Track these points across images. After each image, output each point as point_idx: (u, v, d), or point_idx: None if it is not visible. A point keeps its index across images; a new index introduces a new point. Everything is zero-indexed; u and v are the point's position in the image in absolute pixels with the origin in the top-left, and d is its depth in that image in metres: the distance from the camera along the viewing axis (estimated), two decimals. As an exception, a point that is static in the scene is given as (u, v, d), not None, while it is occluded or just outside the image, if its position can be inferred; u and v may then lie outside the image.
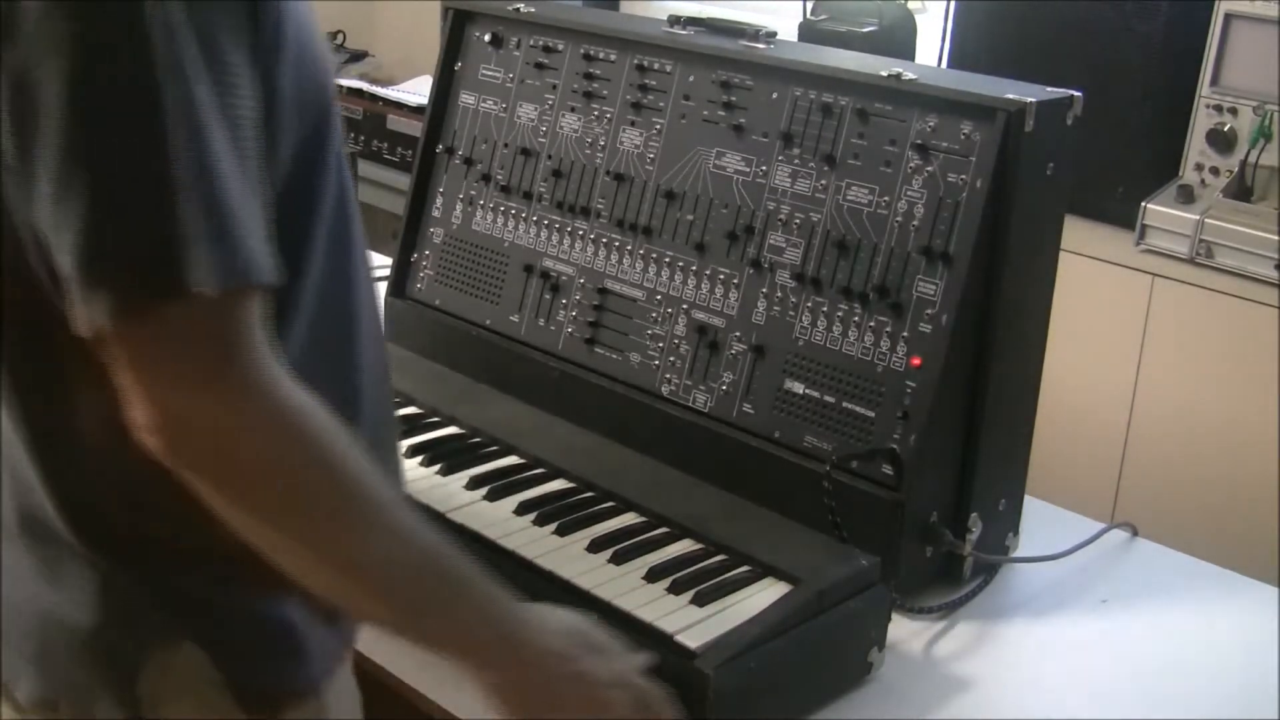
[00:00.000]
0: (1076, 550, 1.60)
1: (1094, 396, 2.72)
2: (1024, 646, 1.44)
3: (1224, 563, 1.62)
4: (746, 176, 1.57)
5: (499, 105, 1.81)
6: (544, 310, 1.72)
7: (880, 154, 1.48)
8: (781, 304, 1.53)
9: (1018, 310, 1.48)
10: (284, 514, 0.91)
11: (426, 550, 0.97)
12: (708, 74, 1.62)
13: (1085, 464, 2.70)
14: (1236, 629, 1.49)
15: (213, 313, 0.86)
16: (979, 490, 1.49)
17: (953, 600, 1.48)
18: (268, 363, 0.89)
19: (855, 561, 1.33)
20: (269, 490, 0.89)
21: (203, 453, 0.88)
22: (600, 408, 1.62)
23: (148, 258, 0.84)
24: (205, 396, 0.86)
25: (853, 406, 1.46)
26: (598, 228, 1.69)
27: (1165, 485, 2.62)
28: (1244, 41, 2.48)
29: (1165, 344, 2.65)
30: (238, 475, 0.89)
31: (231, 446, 0.88)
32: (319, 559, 0.93)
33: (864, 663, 1.33)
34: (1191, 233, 2.52)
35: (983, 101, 1.42)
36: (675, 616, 1.26)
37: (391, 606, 0.97)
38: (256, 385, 0.88)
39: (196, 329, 0.86)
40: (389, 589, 0.96)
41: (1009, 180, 1.41)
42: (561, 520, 1.41)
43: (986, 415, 1.47)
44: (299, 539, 0.92)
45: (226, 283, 0.85)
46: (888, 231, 1.46)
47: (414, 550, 0.96)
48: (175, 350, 0.86)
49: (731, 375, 1.55)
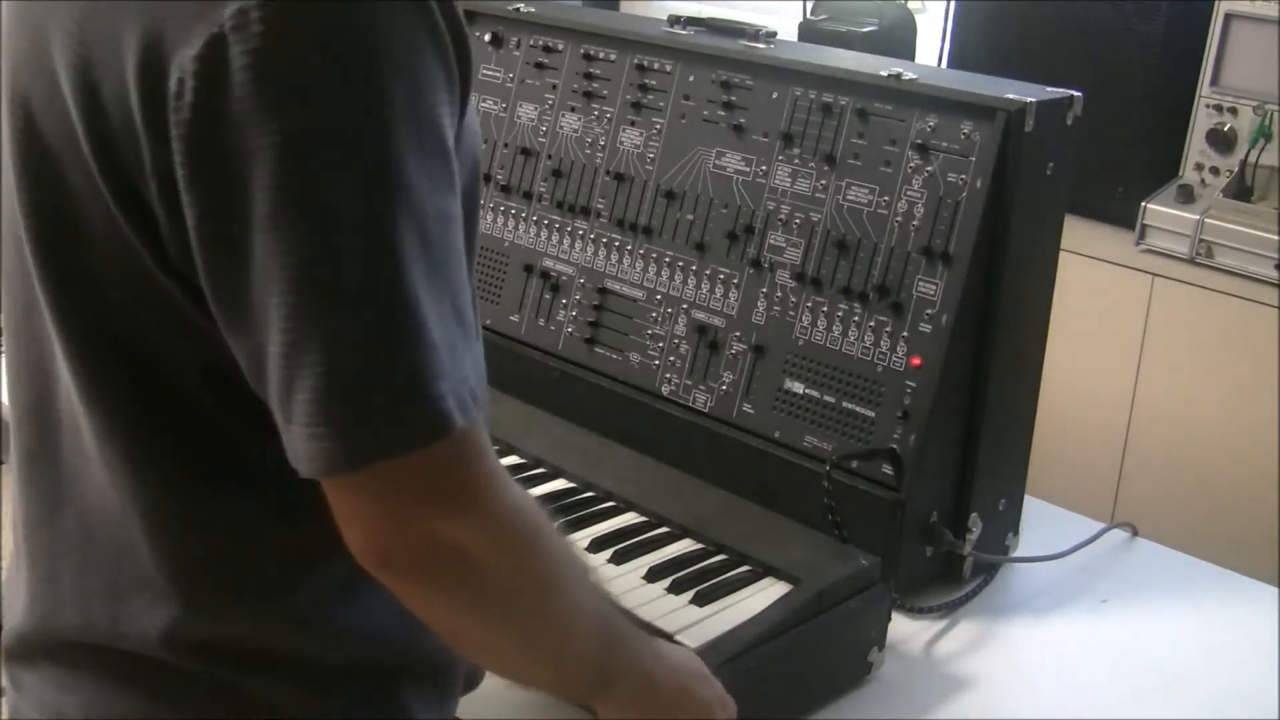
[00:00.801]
0: (1076, 550, 1.59)
1: (1094, 396, 2.72)
2: (1024, 646, 1.44)
3: (1224, 563, 1.62)
4: (746, 176, 1.57)
5: (499, 105, 1.81)
6: (544, 310, 1.72)
7: (880, 154, 1.48)
8: (781, 304, 1.53)
9: (1018, 310, 1.48)
10: (519, 620, 0.92)
11: (608, 627, 1.00)
12: (708, 74, 1.62)
13: (1085, 464, 2.70)
14: (1236, 629, 1.49)
15: (455, 447, 0.84)
16: (979, 490, 1.49)
17: (953, 600, 1.48)
18: (505, 479, 0.89)
19: (855, 561, 1.33)
20: (512, 601, 0.90)
21: (452, 575, 0.87)
22: (600, 408, 1.62)
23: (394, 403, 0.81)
24: (458, 524, 0.85)
25: (853, 406, 1.46)
26: (598, 228, 1.69)
27: (1165, 485, 2.62)
28: (1244, 41, 2.49)
29: (1165, 344, 2.65)
30: (485, 593, 0.89)
31: (484, 568, 0.87)
32: (527, 654, 0.95)
33: (864, 663, 1.33)
34: (1191, 233, 2.53)
35: (983, 101, 1.42)
36: (675, 616, 1.26)
37: (572, 682, 1.02)
38: (503, 506, 0.88)
39: (446, 466, 0.84)
40: (579, 670, 0.99)
41: (1009, 180, 1.41)
42: (561, 520, 1.41)
43: (986, 415, 1.47)
44: (520, 639, 0.93)
45: (468, 417, 0.83)
46: (888, 231, 1.46)
47: (600, 630, 0.99)
48: (423, 486, 0.84)
49: (731, 375, 1.55)
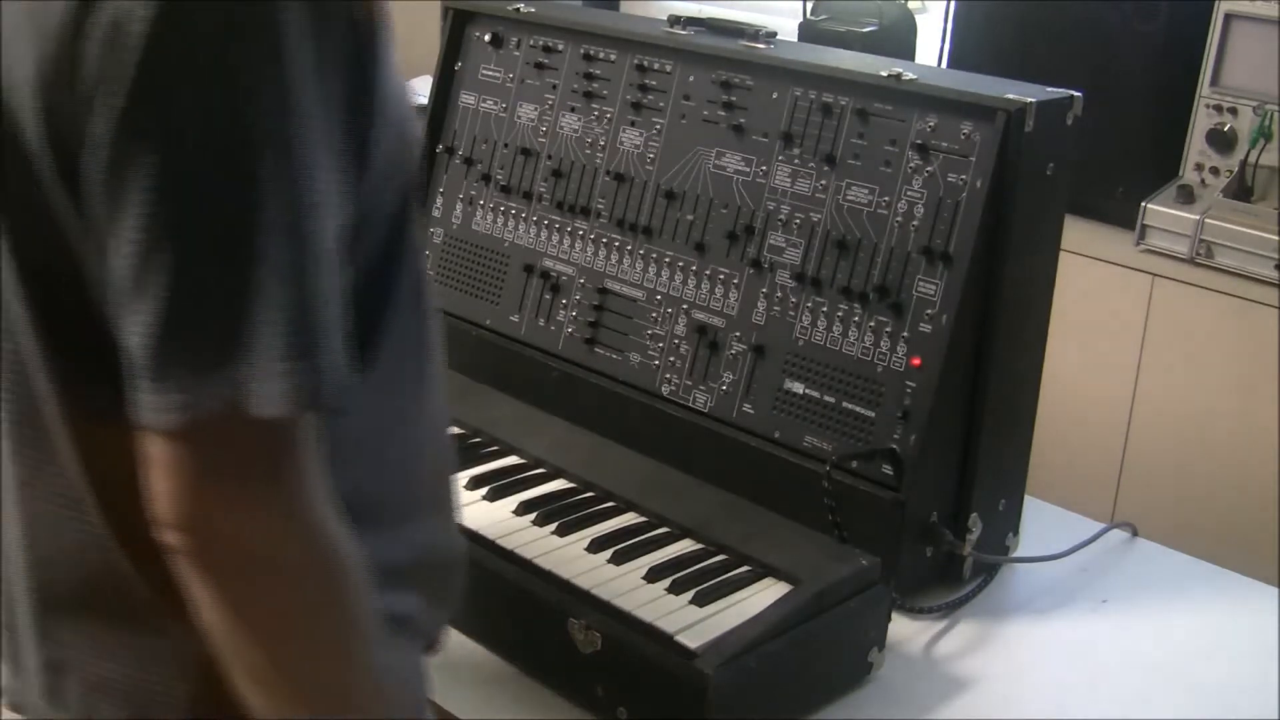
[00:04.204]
0: (1076, 550, 1.60)
1: (1094, 396, 2.72)
2: (1024, 646, 1.44)
3: (1224, 563, 1.62)
4: (746, 176, 1.57)
5: (499, 105, 1.81)
6: (544, 310, 1.72)
7: (880, 154, 1.48)
8: (781, 304, 1.53)
9: (1018, 310, 1.48)
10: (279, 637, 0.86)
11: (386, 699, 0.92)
12: (708, 74, 1.62)
13: (1085, 464, 2.70)
14: (1236, 629, 1.49)
15: (276, 431, 0.81)
16: (979, 490, 1.49)
17: (953, 600, 1.48)
18: (315, 487, 0.85)
19: (855, 561, 1.33)
20: (278, 611, 0.85)
21: (227, 562, 0.83)
22: (600, 408, 1.62)
23: (223, 364, 0.79)
24: (247, 511, 0.82)
25: (853, 406, 1.46)
26: (598, 228, 1.69)
27: (1165, 485, 2.62)
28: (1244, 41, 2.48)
29: (1165, 344, 2.65)
30: (253, 590, 0.84)
31: (258, 564, 0.83)
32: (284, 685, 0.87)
33: (864, 663, 1.33)
34: (1191, 233, 2.52)
35: (983, 101, 1.42)
36: (675, 616, 1.26)
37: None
38: (300, 510, 0.84)
39: (256, 445, 0.81)
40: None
41: (1009, 180, 1.41)
42: (561, 520, 1.41)
43: (986, 415, 1.47)
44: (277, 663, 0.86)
45: (299, 407, 0.80)
46: (888, 231, 1.46)
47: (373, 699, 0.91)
48: (228, 460, 0.81)
49: (731, 375, 1.55)
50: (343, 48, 0.83)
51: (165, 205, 0.78)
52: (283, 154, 0.80)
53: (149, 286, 0.79)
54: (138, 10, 0.77)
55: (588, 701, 1.27)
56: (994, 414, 1.48)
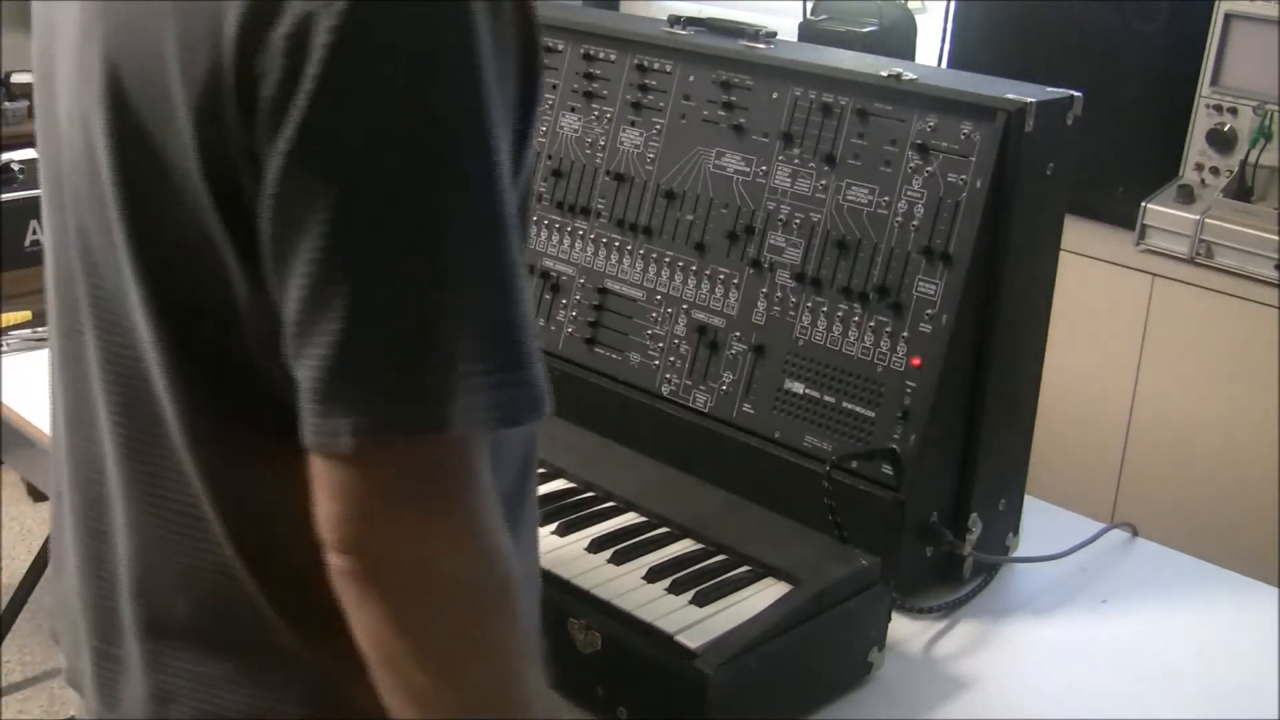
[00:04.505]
0: (1076, 550, 1.59)
1: (1094, 396, 2.72)
2: (1024, 646, 1.44)
3: (1224, 563, 1.62)
4: (746, 176, 1.57)
5: (499, 105, 1.80)
6: (544, 310, 1.72)
7: (880, 154, 1.48)
8: (781, 304, 1.53)
9: (1018, 310, 1.48)
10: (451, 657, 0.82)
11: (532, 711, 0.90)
12: (708, 74, 1.62)
13: (1085, 464, 2.70)
14: (1236, 629, 1.49)
15: (460, 448, 0.78)
16: (979, 490, 1.49)
17: (953, 600, 1.48)
18: (491, 502, 0.82)
19: (855, 561, 1.33)
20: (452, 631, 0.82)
21: (403, 584, 0.79)
22: (600, 408, 1.62)
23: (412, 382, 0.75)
24: (429, 531, 0.79)
25: (853, 406, 1.46)
26: (598, 228, 1.69)
27: (1165, 485, 2.62)
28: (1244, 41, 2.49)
29: (1165, 344, 2.65)
30: (429, 610, 0.80)
31: (436, 584, 0.80)
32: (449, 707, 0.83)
33: (864, 663, 1.33)
34: (1191, 233, 2.53)
35: (983, 101, 1.42)
36: (675, 616, 1.26)
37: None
38: (480, 528, 0.81)
39: (440, 464, 0.78)
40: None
41: (1009, 180, 1.40)
42: (561, 520, 1.41)
43: (986, 415, 1.47)
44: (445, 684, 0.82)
45: (504, 422, 0.77)
46: (888, 231, 1.46)
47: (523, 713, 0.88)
48: (410, 481, 0.78)
49: (731, 375, 1.55)
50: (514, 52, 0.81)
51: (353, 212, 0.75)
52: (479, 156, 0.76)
53: (332, 301, 0.75)
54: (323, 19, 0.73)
55: (588, 701, 1.26)
56: (994, 414, 1.48)
